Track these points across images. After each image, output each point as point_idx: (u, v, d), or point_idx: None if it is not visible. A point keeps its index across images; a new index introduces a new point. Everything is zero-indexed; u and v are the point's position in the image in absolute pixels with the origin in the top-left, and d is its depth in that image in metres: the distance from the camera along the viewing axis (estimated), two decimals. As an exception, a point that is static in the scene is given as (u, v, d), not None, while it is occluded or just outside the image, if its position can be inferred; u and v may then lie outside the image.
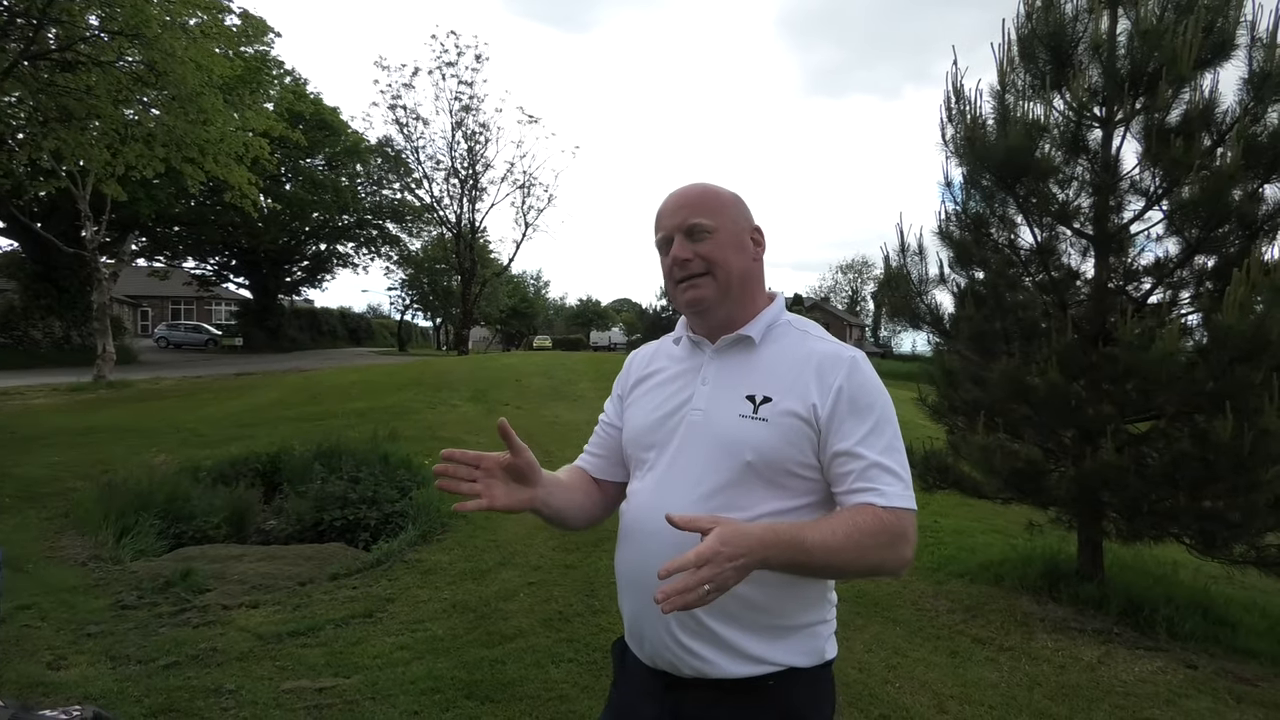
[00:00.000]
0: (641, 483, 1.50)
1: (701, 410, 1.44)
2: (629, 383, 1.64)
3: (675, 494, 1.40)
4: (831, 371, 1.38)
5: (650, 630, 1.42)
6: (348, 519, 6.76)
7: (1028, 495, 4.88)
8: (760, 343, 1.46)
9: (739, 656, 1.36)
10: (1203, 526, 4.39)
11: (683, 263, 1.44)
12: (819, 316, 60.72)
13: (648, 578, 1.35)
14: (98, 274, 18.83)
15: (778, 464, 1.36)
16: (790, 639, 1.38)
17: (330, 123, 33.56)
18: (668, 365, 1.57)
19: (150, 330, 47.30)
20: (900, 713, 3.54)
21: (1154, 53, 4.44)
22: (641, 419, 1.54)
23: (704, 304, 1.45)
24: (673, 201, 1.48)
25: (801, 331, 1.49)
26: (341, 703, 3.52)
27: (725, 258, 1.44)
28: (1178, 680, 4.03)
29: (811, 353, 1.42)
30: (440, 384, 15.08)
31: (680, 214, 1.45)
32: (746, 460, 1.36)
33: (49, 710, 1.21)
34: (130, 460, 7.97)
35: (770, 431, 1.36)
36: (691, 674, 1.38)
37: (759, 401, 1.38)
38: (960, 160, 5.17)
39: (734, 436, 1.37)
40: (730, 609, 1.33)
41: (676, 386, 1.51)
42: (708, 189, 1.49)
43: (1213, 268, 4.65)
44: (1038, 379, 4.44)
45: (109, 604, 4.79)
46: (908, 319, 5.45)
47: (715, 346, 1.49)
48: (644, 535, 1.43)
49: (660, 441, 1.48)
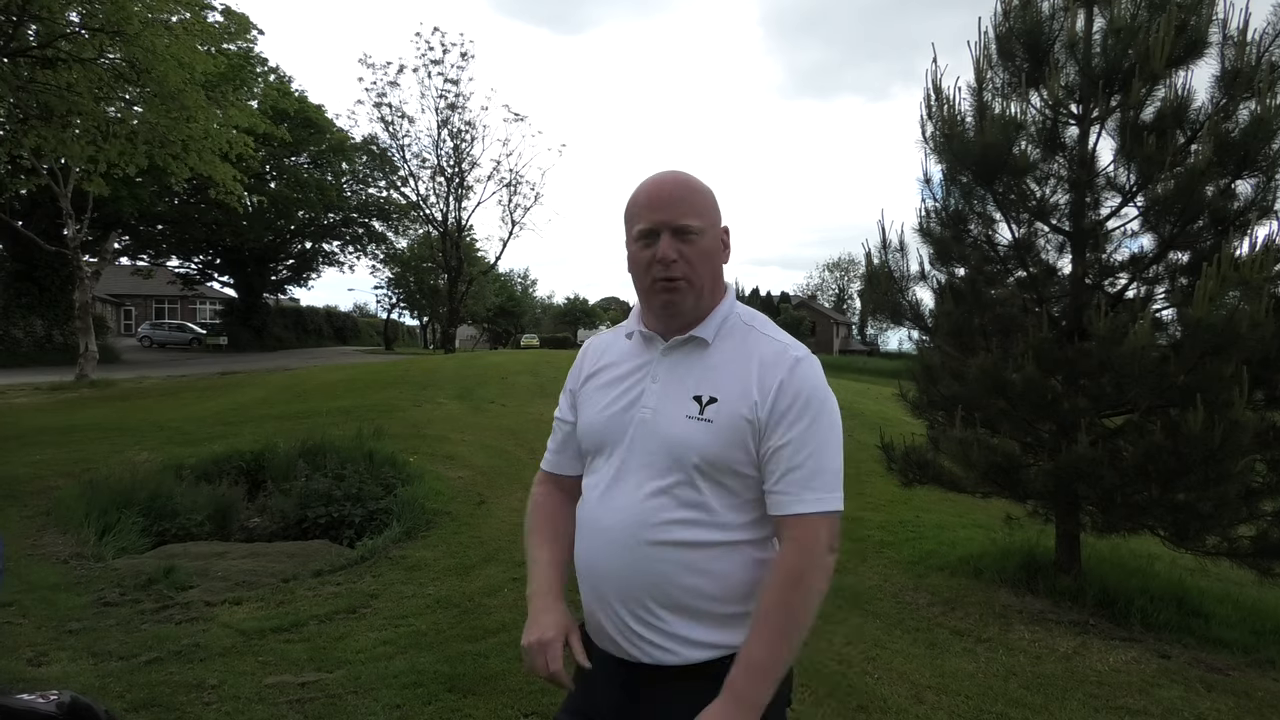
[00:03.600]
0: (593, 480, 1.53)
1: (651, 409, 1.45)
2: (581, 377, 1.64)
3: (625, 493, 1.44)
4: (773, 371, 1.40)
5: (606, 621, 1.46)
6: (332, 516, 6.75)
7: (1005, 489, 4.94)
8: (712, 342, 1.47)
9: (690, 644, 1.40)
10: (1175, 518, 4.46)
11: (669, 263, 1.42)
12: (806, 314, 60.94)
13: (600, 572, 1.45)
14: (80, 272, 18.68)
15: (722, 465, 1.39)
16: (740, 624, 1.40)
17: (315, 120, 33.39)
18: (619, 361, 1.57)
19: (134, 329, 46.98)
20: (878, 703, 3.58)
21: (1128, 51, 4.50)
22: (593, 415, 1.55)
23: (678, 308, 1.46)
24: (660, 193, 1.44)
25: (748, 327, 1.49)
26: (324, 697, 3.53)
27: (706, 263, 1.45)
28: (1151, 670, 4.10)
29: (756, 352, 1.43)
30: (426, 382, 15.05)
31: (670, 210, 1.42)
32: (693, 462, 1.39)
33: (26, 695, 1.22)
34: (113, 458, 7.92)
35: (715, 433, 1.38)
36: (648, 660, 1.42)
37: (705, 402, 1.41)
38: (940, 157, 5.22)
39: (680, 438, 1.40)
40: (680, 600, 1.39)
41: (627, 385, 1.51)
42: (694, 184, 1.46)
43: (1186, 263, 4.72)
44: (1015, 374, 4.50)
45: (90, 601, 4.77)
46: (890, 315, 5.50)
47: (666, 344, 1.49)
48: (596, 531, 1.48)
49: (612, 440, 1.49)
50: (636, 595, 1.41)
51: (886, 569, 5.70)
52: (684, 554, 1.38)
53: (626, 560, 1.41)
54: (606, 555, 1.44)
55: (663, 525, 1.39)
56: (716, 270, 1.49)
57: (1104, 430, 4.63)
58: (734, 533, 1.40)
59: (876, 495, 8.25)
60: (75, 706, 1.31)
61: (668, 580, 1.39)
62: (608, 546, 1.43)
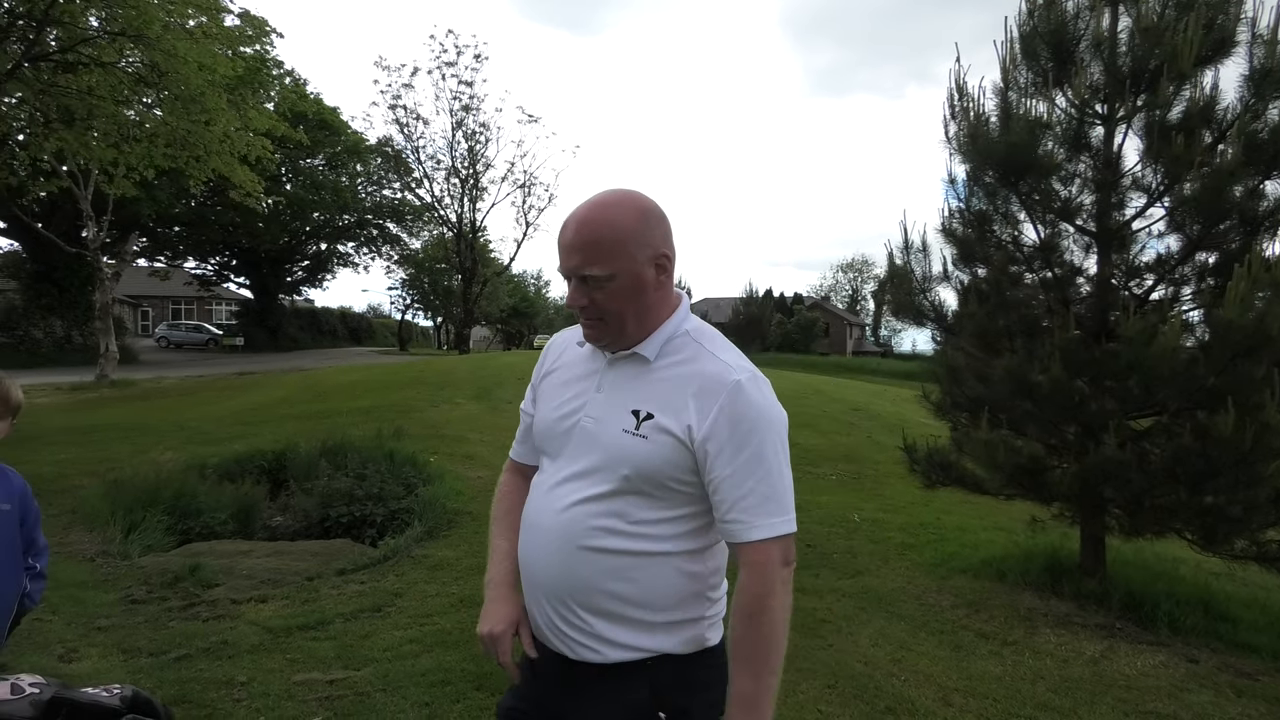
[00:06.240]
0: (540, 479, 1.57)
1: (594, 419, 1.48)
2: (541, 373, 1.67)
3: (561, 497, 1.48)
4: (712, 396, 1.39)
5: (538, 616, 1.51)
6: (354, 515, 6.79)
7: (1030, 491, 4.92)
8: (654, 359, 1.47)
9: (613, 645, 1.44)
10: (1204, 522, 4.42)
11: (579, 309, 1.45)
12: (820, 315, 60.74)
13: (534, 570, 1.50)
14: (100, 273, 18.87)
15: (654, 479, 1.41)
16: (661, 631, 1.44)
17: (330, 123, 33.59)
18: (573, 363, 1.59)
19: (151, 330, 47.37)
20: (905, 705, 3.57)
21: (1155, 50, 4.47)
22: (546, 414, 1.58)
23: (600, 342, 1.50)
24: (564, 238, 1.43)
25: (696, 345, 1.48)
26: (353, 694, 3.55)
27: (620, 307, 1.43)
28: (1179, 674, 4.07)
29: (697, 373, 1.43)
30: (443, 382, 15.11)
31: (572, 258, 1.41)
32: (624, 474, 1.41)
33: (90, 689, 1.25)
34: (136, 458, 8.00)
35: (649, 448, 1.40)
36: (573, 656, 1.47)
37: (642, 418, 1.42)
38: (963, 157, 5.20)
39: (616, 450, 1.43)
40: (603, 605, 1.43)
41: (576, 390, 1.54)
42: (603, 228, 1.40)
43: (1214, 264, 4.68)
44: (1041, 375, 4.47)
45: (118, 598, 4.82)
46: (911, 316, 5.48)
47: (612, 356, 1.51)
48: (534, 530, 1.52)
49: (557, 442, 1.53)
50: (562, 595, 1.45)
51: (909, 571, 5.68)
52: (610, 561, 1.42)
53: (556, 562, 1.45)
54: (540, 555, 1.49)
55: (592, 532, 1.43)
56: (642, 304, 1.45)
57: (1131, 432, 4.60)
58: (663, 544, 1.43)
59: (896, 497, 8.23)
60: (137, 699, 1.38)
61: (592, 585, 1.43)
62: (542, 546, 1.48)
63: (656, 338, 1.47)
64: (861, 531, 6.79)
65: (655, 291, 1.46)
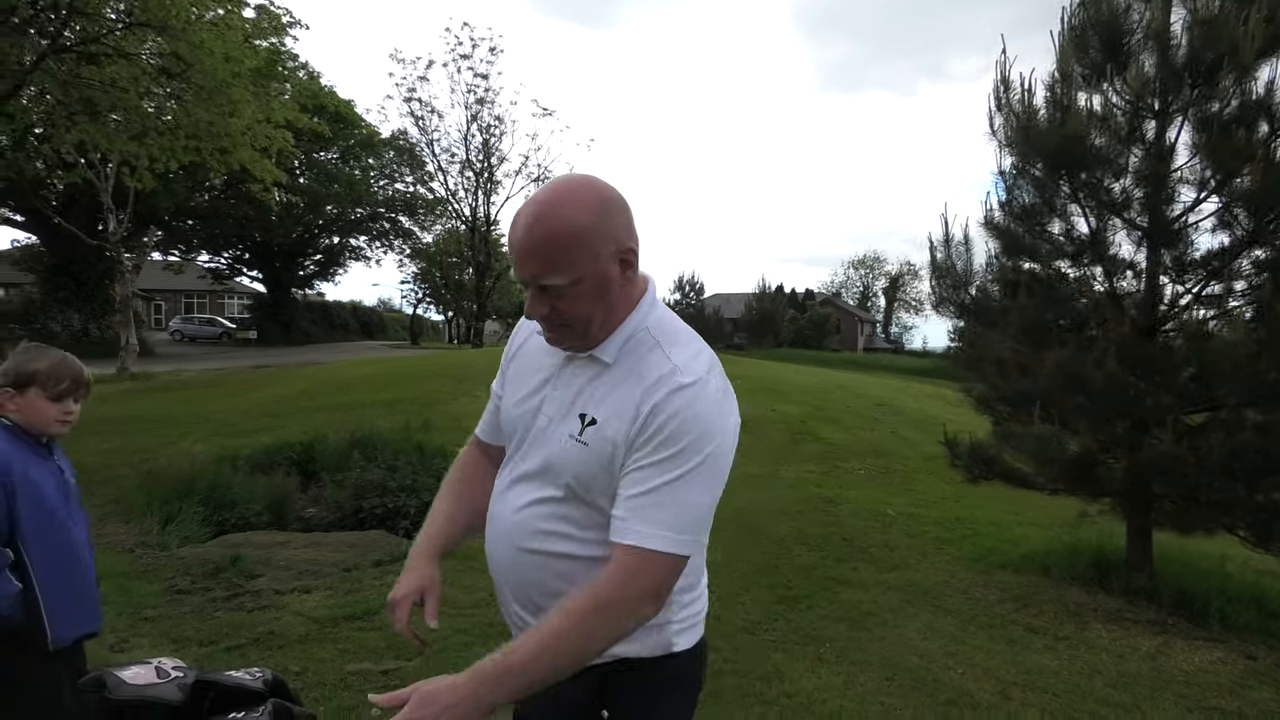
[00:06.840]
0: (502, 472, 1.53)
1: (548, 418, 1.42)
2: (509, 356, 1.61)
3: (515, 495, 1.45)
4: (650, 396, 1.30)
5: (504, 607, 1.52)
6: (387, 507, 6.81)
7: (1080, 486, 4.87)
8: (612, 364, 1.38)
9: None
10: (1258, 518, 4.38)
11: (540, 319, 1.36)
12: (831, 311, 60.58)
13: (495, 562, 1.49)
14: (120, 266, 18.93)
15: (593, 488, 1.35)
16: None
17: (345, 115, 33.59)
18: (534, 353, 1.52)
19: (164, 323, 47.51)
20: (966, 698, 3.55)
21: (1214, 42, 4.41)
22: (510, 403, 1.52)
23: (564, 345, 1.41)
24: (519, 237, 1.29)
25: (653, 343, 1.38)
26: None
27: (586, 311, 1.33)
28: (1239, 671, 4.03)
29: (644, 375, 1.33)
30: (461, 375, 15.12)
31: (528, 267, 1.29)
32: (566, 480, 1.37)
33: (233, 672, 1.24)
34: (168, 449, 8.03)
35: (588, 456, 1.33)
36: None
37: (586, 423, 1.35)
38: (1010, 150, 5.15)
39: (559, 456, 1.37)
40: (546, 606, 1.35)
41: (536, 382, 1.47)
42: (559, 227, 1.27)
43: (1269, 258, 4.62)
44: (1095, 369, 4.42)
45: (162, 589, 4.83)
46: (955, 309, 5.43)
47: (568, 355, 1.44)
48: (493, 523, 1.50)
49: (519, 435, 1.48)
50: (513, 591, 1.46)
51: (950, 565, 5.65)
52: (561, 565, 1.39)
53: (508, 558, 1.45)
54: (497, 549, 1.48)
55: (537, 534, 1.40)
56: (607, 304, 1.36)
57: (1186, 428, 4.55)
58: (605, 549, 1.34)
59: (927, 492, 8.20)
60: (276, 682, 1.41)
61: (545, 587, 1.40)
62: (498, 542, 1.47)
63: (617, 338, 1.38)
64: (897, 526, 6.76)
65: (620, 288, 1.36)
